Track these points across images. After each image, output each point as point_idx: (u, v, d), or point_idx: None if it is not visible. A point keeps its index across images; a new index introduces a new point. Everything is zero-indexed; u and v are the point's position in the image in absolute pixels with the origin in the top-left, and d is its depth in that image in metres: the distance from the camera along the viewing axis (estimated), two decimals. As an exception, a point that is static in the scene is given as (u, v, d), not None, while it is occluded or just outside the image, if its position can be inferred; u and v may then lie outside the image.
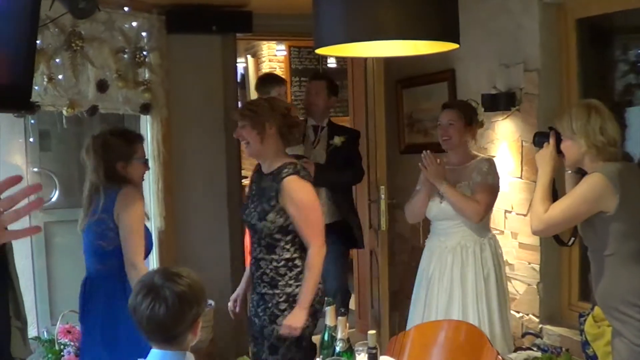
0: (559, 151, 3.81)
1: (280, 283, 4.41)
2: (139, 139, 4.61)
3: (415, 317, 5.11)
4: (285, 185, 4.30)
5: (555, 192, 3.85)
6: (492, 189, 4.90)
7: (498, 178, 4.95)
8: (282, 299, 4.42)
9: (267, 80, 6.43)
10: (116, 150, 4.40)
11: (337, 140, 6.13)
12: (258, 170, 4.56)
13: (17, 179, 2.06)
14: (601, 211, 3.59)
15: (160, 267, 3.19)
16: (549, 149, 3.84)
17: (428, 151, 4.92)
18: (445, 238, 4.99)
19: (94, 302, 4.43)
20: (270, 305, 4.44)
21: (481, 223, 4.92)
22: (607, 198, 3.55)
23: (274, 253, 4.41)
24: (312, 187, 4.40)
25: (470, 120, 4.97)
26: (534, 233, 3.96)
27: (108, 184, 4.37)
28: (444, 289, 4.94)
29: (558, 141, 3.80)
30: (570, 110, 3.75)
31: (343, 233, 6.18)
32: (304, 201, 4.33)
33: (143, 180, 4.63)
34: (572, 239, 4.14)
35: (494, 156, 5.42)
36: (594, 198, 3.58)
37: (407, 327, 5.13)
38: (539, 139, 3.97)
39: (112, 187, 4.36)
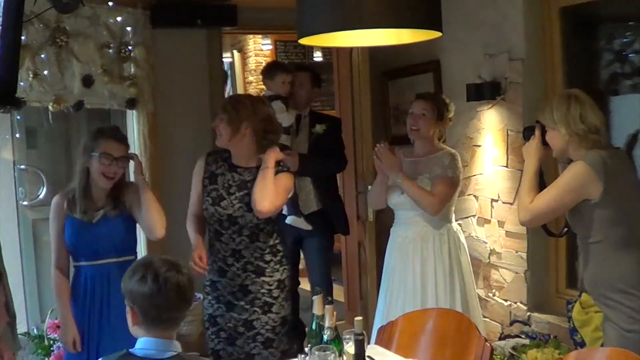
0: (545, 143, 3.85)
1: (267, 270, 4.45)
2: (106, 134, 4.41)
3: (380, 304, 5.23)
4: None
5: (543, 184, 3.88)
6: (450, 182, 4.94)
7: (459, 172, 5.01)
8: (273, 286, 4.46)
9: (273, 67, 6.35)
10: (83, 143, 4.39)
11: (319, 128, 6.07)
12: (224, 161, 4.53)
13: None
14: (586, 199, 3.62)
15: (151, 257, 3.17)
16: (534, 141, 3.89)
17: (382, 144, 5.01)
18: (406, 228, 5.09)
19: None
20: (259, 295, 4.45)
21: (441, 214, 4.98)
22: (590, 186, 3.58)
23: (258, 241, 4.44)
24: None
25: (442, 115, 5.03)
26: (522, 224, 4.03)
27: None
28: (406, 278, 5.02)
29: (543, 133, 3.84)
30: (552, 101, 3.80)
31: (323, 224, 6.19)
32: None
33: (108, 177, 4.34)
34: (565, 229, 4.17)
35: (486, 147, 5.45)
36: (577, 186, 3.62)
37: (375, 314, 5.30)
38: (527, 133, 4.01)
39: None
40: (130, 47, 5.77)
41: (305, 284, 6.61)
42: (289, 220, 5.95)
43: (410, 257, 5.00)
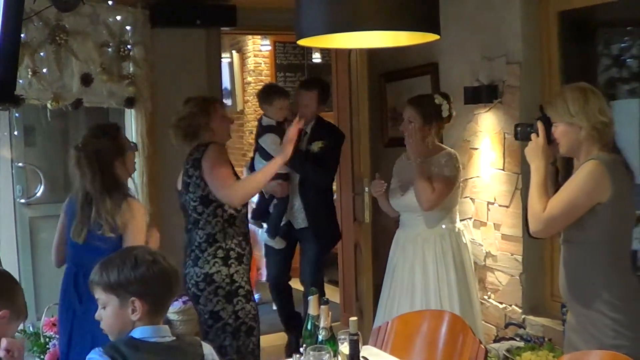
0: (550, 141, 3.54)
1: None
2: (119, 128, 4.50)
3: (381, 304, 5.29)
4: None
5: (558, 185, 3.61)
6: (447, 181, 4.96)
7: (457, 171, 5.03)
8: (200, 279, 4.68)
9: (271, 92, 6.29)
10: (111, 149, 4.27)
11: (315, 146, 6.11)
12: None
13: None
14: (597, 202, 3.37)
15: (134, 247, 3.14)
16: (538, 141, 3.54)
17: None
18: (408, 229, 5.17)
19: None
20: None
21: (446, 216, 5.09)
22: (603, 187, 3.35)
23: None
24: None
25: (430, 120, 5.02)
26: (534, 234, 3.62)
27: (105, 192, 4.17)
28: (406, 278, 5.09)
29: (547, 130, 3.54)
30: (564, 94, 3.50)
31: (314, 235, 6.30)
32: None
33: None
34: None
35: (480, 148, 5.46)
36: (592, 187, 3.36)
37: (376, 314, 5.39)
38: (522, 130, 3.69)
39: (113, 195, 4.19)
40: (129, 46, 5.77)
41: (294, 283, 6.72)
42: (264, 239, 6.33)
43: (410, 258, 5.04)
